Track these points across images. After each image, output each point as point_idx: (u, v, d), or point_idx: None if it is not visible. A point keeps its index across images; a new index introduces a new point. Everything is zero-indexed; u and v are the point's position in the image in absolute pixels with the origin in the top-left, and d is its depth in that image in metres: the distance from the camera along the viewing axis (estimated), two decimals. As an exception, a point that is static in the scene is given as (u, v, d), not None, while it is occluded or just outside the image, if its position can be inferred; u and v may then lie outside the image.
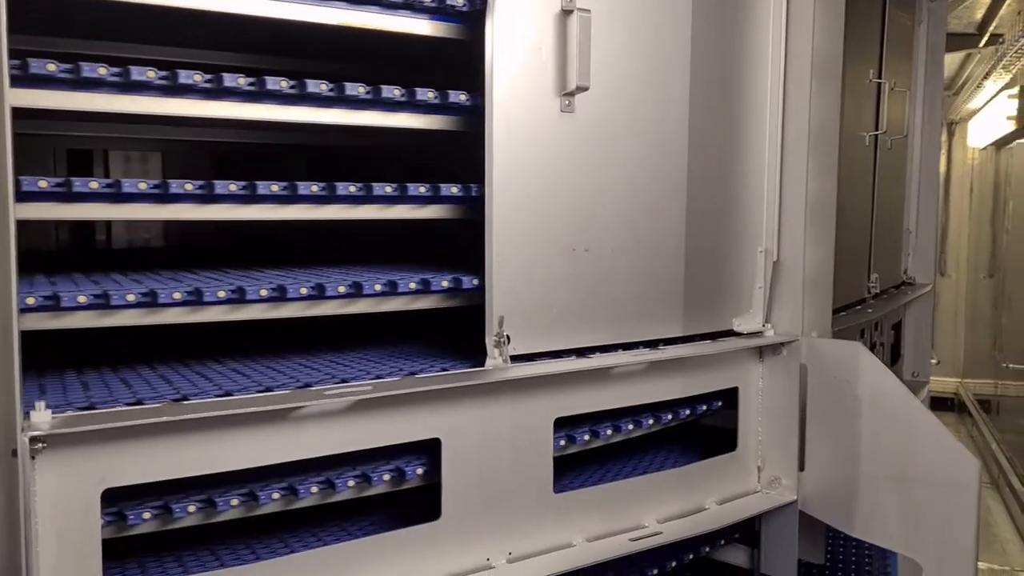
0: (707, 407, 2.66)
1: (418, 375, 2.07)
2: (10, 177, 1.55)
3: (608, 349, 2.35)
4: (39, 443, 1.53)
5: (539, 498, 2.19)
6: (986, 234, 9.41)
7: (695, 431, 2.85)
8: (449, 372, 2.11)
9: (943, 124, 7.99)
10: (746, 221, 2.68)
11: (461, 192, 2.20)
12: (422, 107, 2.16)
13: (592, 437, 2.34)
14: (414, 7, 2.10)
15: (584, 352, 2.30)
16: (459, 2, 2.10)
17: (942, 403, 9.66)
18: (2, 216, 1.55)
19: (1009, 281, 7.97)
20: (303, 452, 1.87)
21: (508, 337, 2.13)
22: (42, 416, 1.57)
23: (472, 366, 2.14)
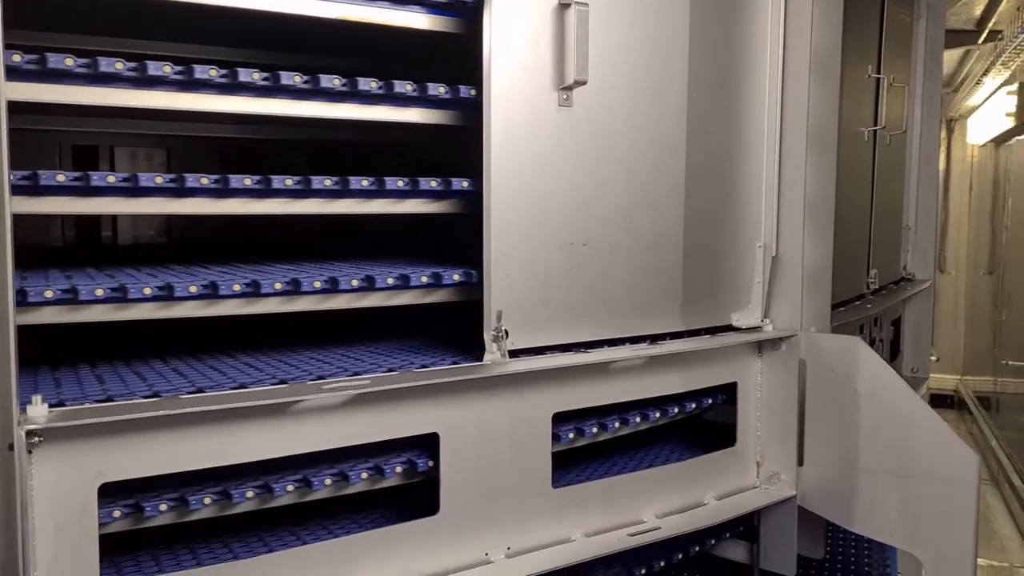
0: (706, 402, 2.65)
1: (416, 369, 2.07)
2: (6, 171, 1.54)
3: (607, 344, 2.35)
4: (36, 437, 1.53)
5: (538, 493, 2.19)
6: (986, 231, 9.41)
7: (694, 426, 2.85)
8: (447, 367, 2.10)
9: (942, 121, 7.98)
10: (745, 216, 2.68)
11: (471, 187, 2.19)
12: (421, 102, 2.16)
13: (591, 432, 2.34)
14: (412, 1, 2.09)
15: (583, 347, 2.30)
16: (457, -4, 2.10)
17: (942, 400, 9.66)
18: (-2, 210, 1.55)
19: (1009, 278, 7.97)
20: (301, 447, 1.87)
21: (506, 332, 2.13)
22: (39, 410, 1.57)
23: (470, 361, 2.14)
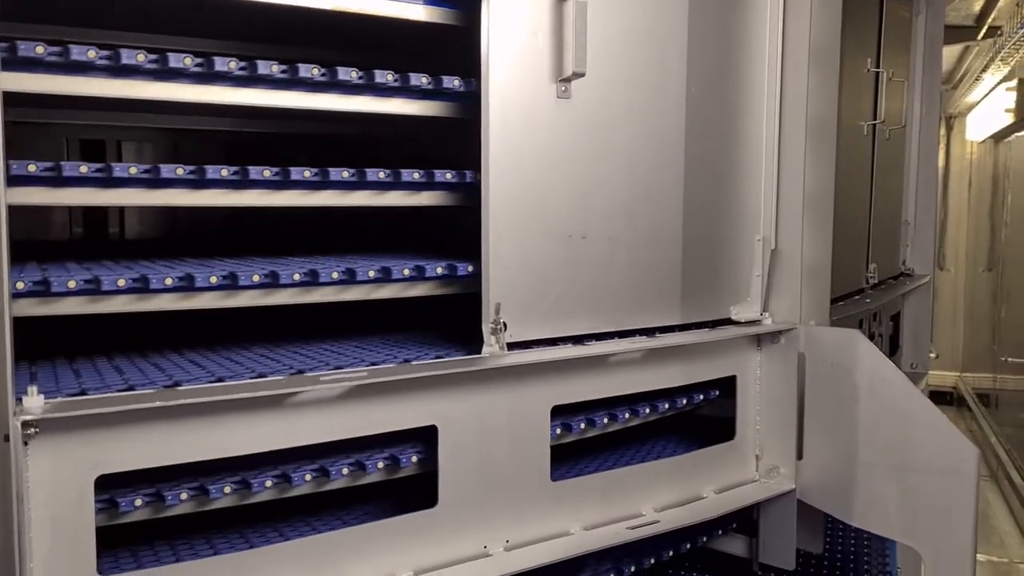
0: (705, 396, 2.65)
1: (414, 362, 2.06)
2: (1, 163, 1.54)
3: (605, 337, 2.34)
4: (31, 428, 1.52)
5: (536, 486, 2.19)
6: (985, 228, 9.41)
7: (693, 420, 2.84)
8: (445, 359, 2.10)
9: (941, 118, 7.98)
10: (744, 209, 2.67)
11: (455, 178, 2.19)
12: (418, 93, 2.15)
13: (589, 425, 2.33)
14: (409, -8, 2.09)
15: (581, 340, 2.29)
16: (455, -13, 2.10)
17: (941, 397, 9.66)
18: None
19: (1008, 275, 7.97)
20: (299, 439, 1.86)
21: (505, 324, 2.12)
22: (34, 401, 1.56)
23: (469, 353, 2.13)
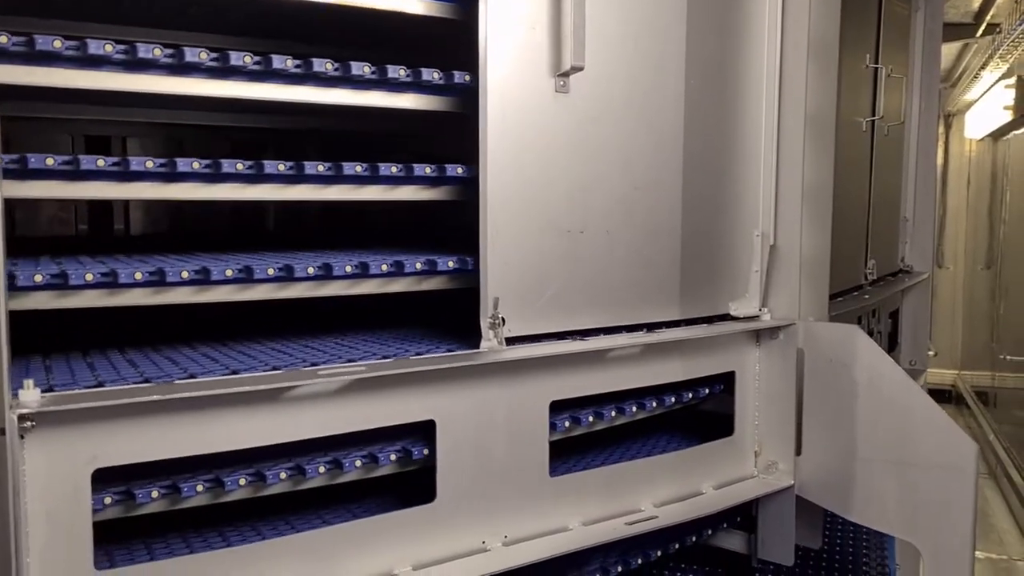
0: (704, 392, 2.64)
1: (412, 356, 2.06)
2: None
3: (604, 332, 2.34)
4: (27, 421, 1.52)
5: (535, 481, 2.18)
6: (983, 226, 9.41)
7: (692, 416, 2.84)
8: (443, 354, 2.09)
9: (940, 116, 7.98)
10: (742, 204, 2.67)
11: (466, 173, 2.18)
12: (418, 87, 2.15)
13: (588, 421, 2.33)
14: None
15: (580, 335, 2.29)
16: (453, -20, 2.09)
17: (940, 395, 9.66)
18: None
19: (1006, 272, 7.97)
20: (296, 434, 1.85)
21: (503, 319, 2.12)
22: (31, 395, 1.55)
23: (467, 348, 2.13)
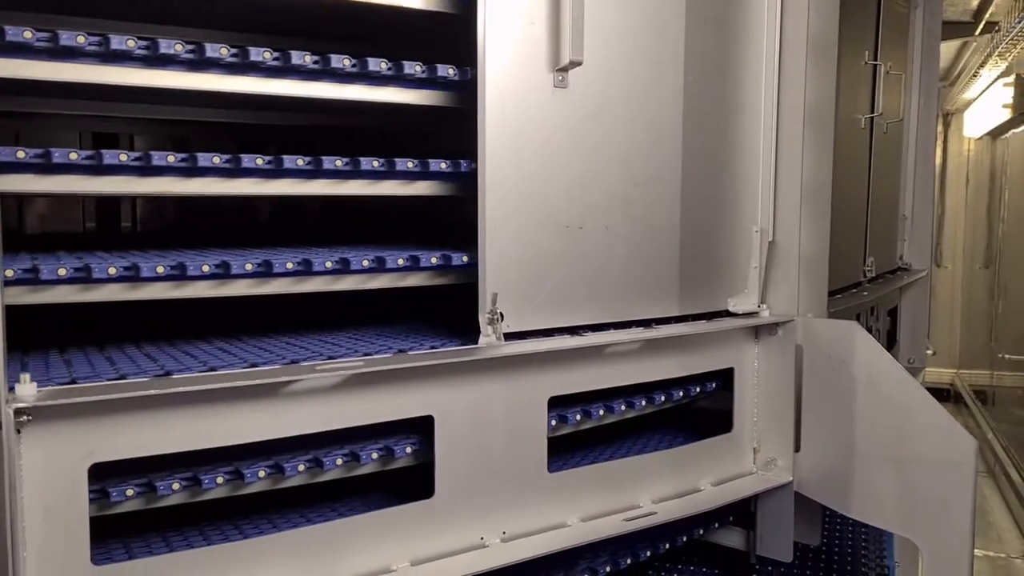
0: (702, 388, 2.64)
1: (410, 352, 2.05)
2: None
3: (602, 328, 2.33)
4: (24, 416, 1.51)
5: (533, 477, 2.18)
6: (982, 225, 9.41)
7: (691, 413, 2.83)
8: (442, 349, 2.09)
9: (938, 115, 7.97)
10: (741, 200, 2.66)
11: (450, 168, 2.17)
12: (416, 82, 2.14)
13: (586, 417, 2.32)
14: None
15: (578, 330, 2.28)
16: (451, -26, 2.08)
17: (938, 394, 9.54)
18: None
19: (1005, 271, 7.97)
20: (295, 429, 1.85)
21: (501, 314, 2.11)
22: (27, 389, 1.55)
23: (466, 344, 2.12)
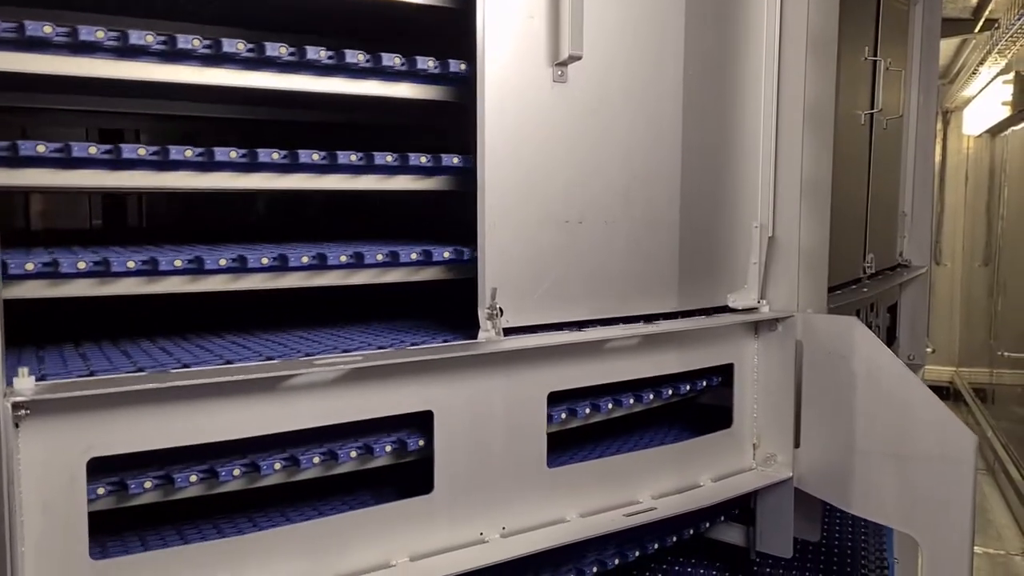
0: (702, 384, 2.64)
1: (409, 346, 2.05)
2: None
3: (602, 323, 2.33)
4: (22, 409, 1.50)
5: (533, 472, 2.17)
6: (981, 223, 9.41)
7: (691, 409, 2.83)
8: (441, 344, 2.08)
9: (938, 113, 7.97)
10: (741, 196, 2.66)
11: (463, 163, 2.16)
12: (421, 77, 2.13)
13: (586, 412, 2.31)
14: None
15: (578, 326, 2.28)
16: (450, -31, 2.08)
17: (938, 392, 9.51)
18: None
19: (1004, 269, 7.97)
20: (293, 423, 1.84)
21: (501, 309, 2.11)
22: (25, 383, 1.54)
23: (465, 339, 2.12)
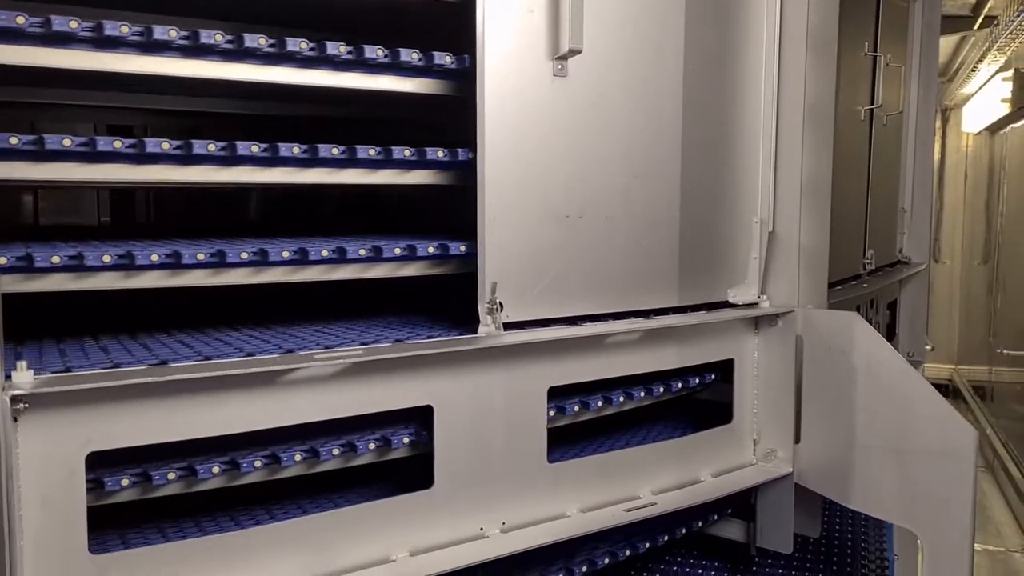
0: (702, 379, 2.63)
1: (409, 341, 2.04)
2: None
3: (602, 318, 2.32)
4: (21, 403, 1.50)
5: (533, 467, 2.17)
6: (980, 221, 9.40)
7: (691, 404, 2.83)
8: (441, 338, 2.08)
9: (937, 110, 7.96)
10: (741, 191, 2.65)
11: (447, 157, 2.16)
12: (414, 70, 2.13)
13: (586, 408, 2.32)
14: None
15: (578, 321, 2.28)
16: (450, -37, 2.08)
17: (937, 390, 9.64)
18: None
19: (1003, 266, 7.96)
20: (293, 418, 1.84)
21: (500, 304, 2.10)
22: (24, 376, 1.54)
23: (465, 334, 2.11)
